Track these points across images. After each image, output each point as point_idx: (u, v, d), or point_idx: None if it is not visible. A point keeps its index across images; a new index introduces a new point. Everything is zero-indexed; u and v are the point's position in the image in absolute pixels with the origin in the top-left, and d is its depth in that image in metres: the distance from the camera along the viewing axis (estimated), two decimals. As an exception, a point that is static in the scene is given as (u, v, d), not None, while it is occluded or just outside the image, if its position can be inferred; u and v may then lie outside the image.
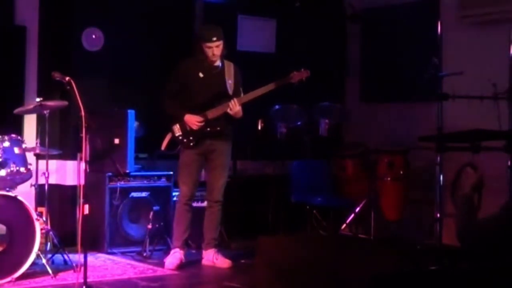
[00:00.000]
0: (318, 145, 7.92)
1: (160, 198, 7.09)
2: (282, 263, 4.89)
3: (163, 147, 6.49)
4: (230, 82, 6.43)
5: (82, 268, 5.24)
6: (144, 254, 6.74)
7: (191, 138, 6.39)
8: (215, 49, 6.30)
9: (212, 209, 6.52)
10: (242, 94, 6.47)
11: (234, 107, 6.32)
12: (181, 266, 6.35)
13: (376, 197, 7.36)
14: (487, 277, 3.94)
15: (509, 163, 6.52)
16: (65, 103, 6.26)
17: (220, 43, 6.31)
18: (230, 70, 6.47)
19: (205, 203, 6.69)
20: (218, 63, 6.42)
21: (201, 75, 6.41)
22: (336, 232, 7.45)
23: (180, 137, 6.41)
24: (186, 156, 6.44)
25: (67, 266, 6.11)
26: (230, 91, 6.42)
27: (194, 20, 7.95)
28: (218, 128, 6.40)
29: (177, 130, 6.42)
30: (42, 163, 6.29)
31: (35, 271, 5.86)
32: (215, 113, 6.38)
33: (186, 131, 6.39)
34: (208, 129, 6.38)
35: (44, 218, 6.17)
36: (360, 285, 4.24)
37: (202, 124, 6.35)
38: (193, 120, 6.35)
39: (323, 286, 4.49)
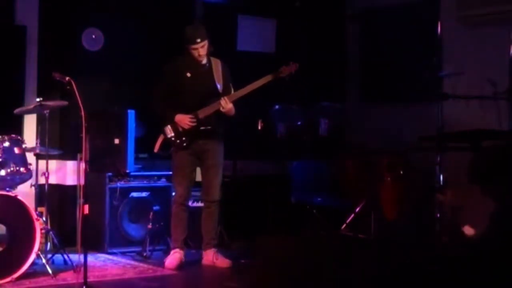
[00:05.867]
0: (318, 145, 7.92)
1: (160, 198, 7.09)
2: (282, 263, 4.89)
3: (155, 149, 6.47)
4: (219, 80, 6.41)
5: (82, 268, 5.24)
6: (144, 254, 6.74)
7: (183, 138, 6.38)
8: (200, 49, 6.28)
9: (209, 210, 6.50)
10: (232, 90, 6.46)
11: (226, 105, 6.30)
12: (181, 266, 6.35)
13: (376, 197, 7.36)
14: (487, 277, 3.95)
15: (509, 163, 6.51)
16: (65, 103, 6.26)
17: (205, 43, 6.28)
18: (218, 68, 6.45)
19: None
20: (204, 61, 6.41)
21: (188, 74, 6.39)
22: (336, 232, 7.44)
23: (173, 138, 6.39)
24: (179, 157, 6.42)
25: (67, 266, 6.11)
26: (220, 89, 6.41)
27: (194, 20, 7.95)
28: (210, 127, 6.38)
29: (169, 131, 6.39)
30: (42, 163, 6.29)
31: (35, 271, 5.86)
32: (206, 112, 6.35)
33: (179, 132, 6.37)
34: (200, 128, 6.36)
35: (44, 218, 6.17)
36: (360, 285, 4.24)
37: (194, 123, 6.34)
38: (185, 120, 6.33)
39: (323, 286, 4.50)
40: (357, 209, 7.41)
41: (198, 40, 6.25)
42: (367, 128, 8.37)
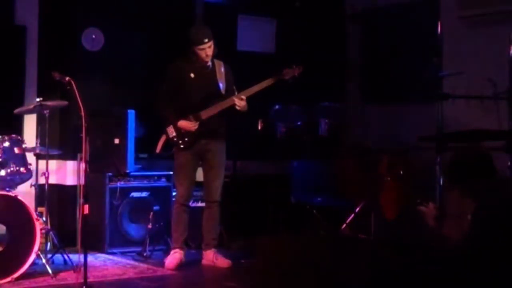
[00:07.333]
0: (318, 145, 7.92)
1: (160, 198, 7.09)
2: (282, 263, 4.89)
3: (158, 149, 6.47)
4: (222, 82, 6.41)
5: (82, 268, 5.24)
6: (144, 254, 6.74)
7: (186, 139, 6.37)
8: (207, 49, 6.29)
9: (210, 210, 6.50)
10: (236, 92, 6.46)
11: (241, 102, 6.31)
12: (181, 266, 6.35)
13: (376, 197, 7.36)
14: (487, 277, 3.95)
15: (509, 163, 6.52)
16: (65, 103, 6.27)
17: (211, 43, 6.29)
18: (220, 69, 6.45)
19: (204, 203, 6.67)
20: (209, 62, 6.41)
21: (192, 75, 6.39)
22: (336, 232, 7.44)
23: (175, 139, 6.39)
24: (181, 157, 6.42)
25: (67, 266, 6.11)
26: (223, 90, 6.41)
27: (194, 20, 7.95)
28: (213, 128, 6.38)
29: (171, 132, 6.39)
30: (42, 163, 6.29)
31: (35, 271, 5.86)
32: (209, 113, 6.35)
33: (181, 132, 6.37)
34: (203, 129, 6.36)
35: (44, 218, 6.17)
36: (360, 285, 4.24)
37: (197, 126, 6.34)
38: (188, 126, 6.34)
39: (323, 286, 4.50)
40: (357, 209, 7.41)
41: (206, 40, 6.25)
42: (367, 128, 8.36)
